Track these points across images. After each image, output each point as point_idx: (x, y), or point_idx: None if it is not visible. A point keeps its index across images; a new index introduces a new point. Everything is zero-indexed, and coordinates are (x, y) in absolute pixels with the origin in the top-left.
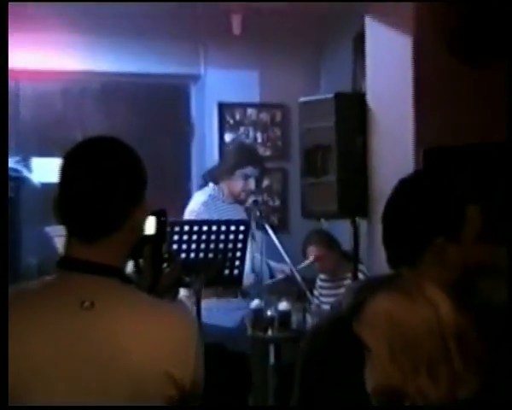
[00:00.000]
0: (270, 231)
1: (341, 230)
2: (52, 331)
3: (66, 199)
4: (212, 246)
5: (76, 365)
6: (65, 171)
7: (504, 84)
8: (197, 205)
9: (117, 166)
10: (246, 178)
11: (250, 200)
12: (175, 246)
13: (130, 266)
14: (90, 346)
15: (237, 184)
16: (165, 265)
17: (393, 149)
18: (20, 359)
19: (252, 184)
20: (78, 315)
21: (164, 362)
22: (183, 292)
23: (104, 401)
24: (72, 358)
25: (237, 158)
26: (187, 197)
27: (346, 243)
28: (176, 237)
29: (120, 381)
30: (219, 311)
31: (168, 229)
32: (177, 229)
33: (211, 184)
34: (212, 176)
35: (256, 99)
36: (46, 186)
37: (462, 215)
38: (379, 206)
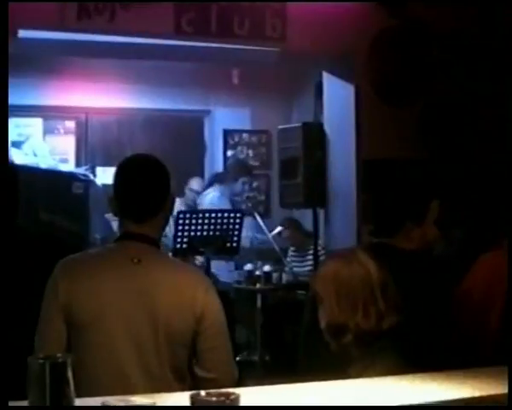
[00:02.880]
0: (258, 217)
1: (306, 216)
2: (113, 278)
3: (123, 194)
4: (218, 227)
5: (128, 300)
6: (120, 175)
7: (414, 118)
8: (214, 199)
9: (154, 174)
10: (243, 183)
11: (244, 196)
12: (194, 227)
13: None
14: (138, 287)
15: (237, 187)
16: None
17: (341, 161)
18: (91, 297)
19: (246, 187)
20: (130, 267)
21: (184, 297)
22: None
23: (147, 322)
24: (125, 295)
25: (238, 171)
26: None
27: (310, 226)
28: (194, 221)
29: (158, 309)
30: (226, 271)
31: (194, 215)
32: (194, 215)
33: (217, 185)
34: (219, 180)
35: (248, 127)
36: (106, 186)
37: (426, 208)
38: (332, 200)
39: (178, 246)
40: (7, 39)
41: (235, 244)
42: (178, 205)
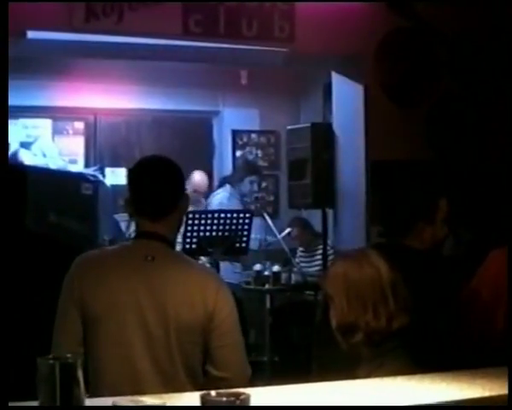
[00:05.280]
0: (267, 217)
1: (315, 217)
2: (126, 275)
3: (138, 193)
4: (227, 227)
5: (140, 297)
6: (136, 175)
7: (422, 119)
8: (224, 199)
9: (169, 173)
10: (251, 183)
11: (253, 196)
12: (203, 227)
13: None
14: (150, 285)
15: (244, 187)
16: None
17: (350, 161)
18: (104, 293)
19: (255, 186)
20: (143, 265)
21: (196, 295)
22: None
23: (159, 319)
24: (138, 292)
25: (245, 170)
26: (210, 193)
27: (318, 226)
28: (203, 222)
29: (169, 307)
30: (234, 272)
31: (203, 216)
32: (203, 216)
33: (228, 186)
34: (228, 181)
35: (257, 127)
36: (115, 187)
37: (436, 206)
38: (341, 200)
39: (187, 246)
40: (7, 39)
41: (244, 245)
42: None
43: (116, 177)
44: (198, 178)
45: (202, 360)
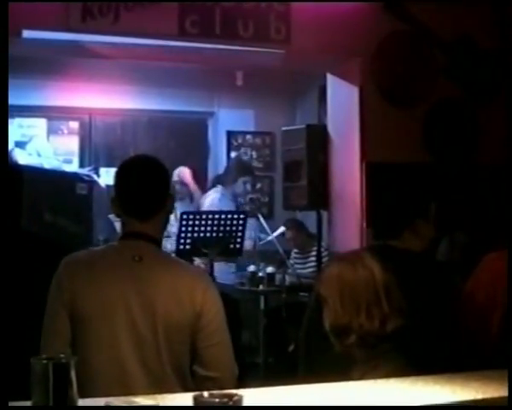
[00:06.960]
0: (262, 219)
1: (309, 218)
2: (114, 275)
3: (125, 193)
4: (221, 228)
5: (129, 297)
6: (122, 175)
7: (418, 121)
8: (215, 200)
9: (155, 173)
10: (244, 183)
11: (248, 198)
12: (197, 228)
13: None
14: (138, 285)
15: (238, 187)
16: None
17: (345, 163)
18: (93, 294)
19: (248, 187)
20: (131, 265)
21: (184, 295)
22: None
23: (147, 320)
24: (126, 293)
25: (238, 171)
26: (204, 193)
27: (313, 228)
28: (197, 222)
29: (157, 307)
30: (229, 273)
31: (197, 216)
32: (198, 216)
33: (219, 186)
34: (221, 181)
35: (252, 128)
36: (109, 187)
37: (430, 205)
38: (336, 202)
39: (181, 247)
40: (7, 39)
41: (238, 246)
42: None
43: (111, 177)
44: (182, 169)
45: (190, 361)
